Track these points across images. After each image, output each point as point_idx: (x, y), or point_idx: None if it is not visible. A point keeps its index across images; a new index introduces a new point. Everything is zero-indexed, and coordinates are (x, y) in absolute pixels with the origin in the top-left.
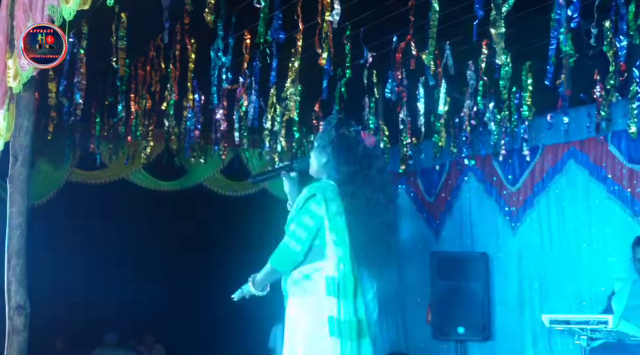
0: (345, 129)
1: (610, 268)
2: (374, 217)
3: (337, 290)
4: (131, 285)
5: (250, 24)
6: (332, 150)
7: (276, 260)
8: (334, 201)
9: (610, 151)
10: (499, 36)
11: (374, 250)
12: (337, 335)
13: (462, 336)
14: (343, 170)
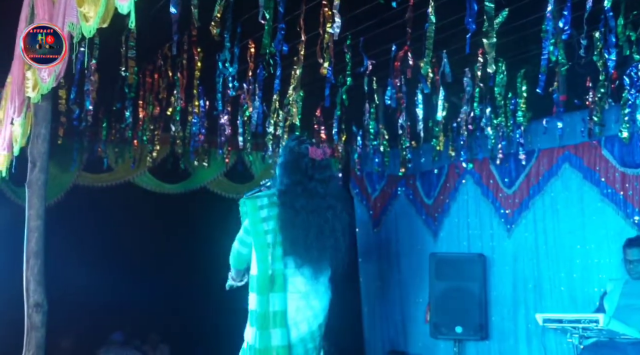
0: (296, 146)
1: (603, 269)
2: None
3: (258, 287)
4: (136, 285)
5: (254, 34)
6: (281, 164)
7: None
8: (265, 208)
9: (603, 155)
10: (490, 46)
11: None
12: (250, 324)
13: (460, 335)
14: (284, 182)
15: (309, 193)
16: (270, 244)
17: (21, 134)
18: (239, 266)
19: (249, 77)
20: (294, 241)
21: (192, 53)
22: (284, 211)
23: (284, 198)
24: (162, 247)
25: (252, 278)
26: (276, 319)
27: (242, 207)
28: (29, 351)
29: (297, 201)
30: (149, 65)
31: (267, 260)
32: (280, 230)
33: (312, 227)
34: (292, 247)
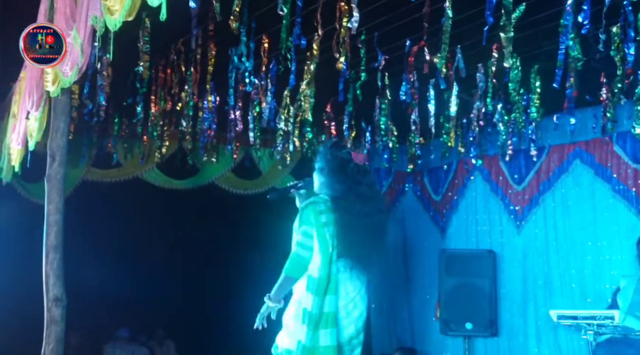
0: (337, 151)
1: (615, 265)
2: (363, 227)
3: (315, 289)
4: (142, 281)
5: (268, 29)
6: (327, 170)
7: (289, 269)
8: (324, 214)
9: (615, 151)
10: (508, 40)
11: (363, 256)
12: (305, 324)
13: (469, 332)
14: (336, 188)
15: (361, 197)
16: (331, 247)
17: (37, 129)
18: (299, 275)
19: (262, 72)
20: (351, 245)
21: (206, 48)
22: (341, 216)
23: (339, 203)
24: (169, 243)
25: (312, 280)
26: (328, 320)
27: (304, 213)
28: (49, 345)
29: (353, 206)
30: (162, 60)
31: (328, 264)
32: (338, 234)
33: (367, 231)
34: (347, 251)
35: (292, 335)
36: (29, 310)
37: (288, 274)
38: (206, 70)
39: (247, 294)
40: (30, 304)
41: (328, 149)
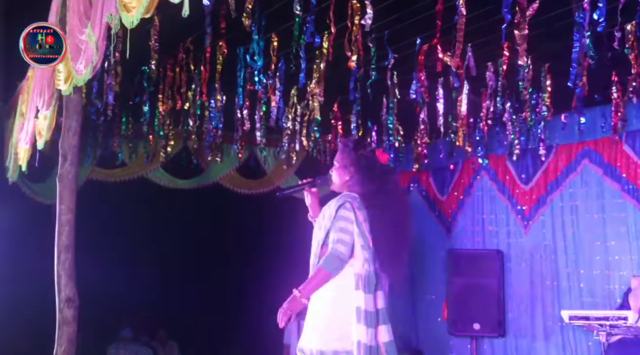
0: (363, 150)
1: (624, 266)
2: (394, 226)
3: (365, 286)
4: (146, 281)
5: (277, 27)
6: (355, 169)
7: (331, 266)
8: (360, 210)
9: (625, 151)
10: (522, 38)
11: (390, 254)
12: (363, 323)
13: (477, 332)
14: (367, 186)
15: (391, 196)
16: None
17: (47, 128)
18: (338, 272)
19: (271, 71)
20: (385, 242)
21: (215, 46)
22: (375, 214)
23: (371, 201)
24: (174, 243)
25: (360, 277)
26: (379, 316)
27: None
28: (61, 346)
29: (385, 204)
30: (170, 59)
31: (373, 260)
32: (373, 231)
33: (399, 228)
34: (382, 248)
35: (342, 337)
36: (38, 311)
37: (329, 270)
38: (215, 69)
39: (251, 295)
40: (39, 304)
41: (353, 147)
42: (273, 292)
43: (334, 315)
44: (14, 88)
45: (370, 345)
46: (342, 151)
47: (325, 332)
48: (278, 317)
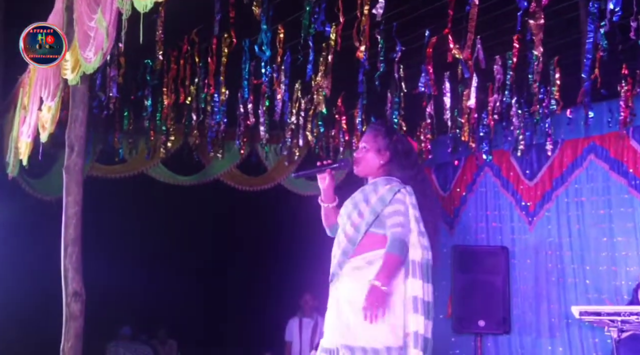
0: (397, 135)
1: (631, 262)
2: (433, 213)
3: (423, 274)
4: (145, 279)
5: (284, 18)
6: (392, 154)
7: (401, 250)
8: (412, 195)
9: (632, 145)
10: (538, 27)
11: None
12: (421, 313)
13: (482, 329)
14: (408, 172)
15: (426, 182)
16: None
17: (51, 120)
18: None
19: (277, 63)
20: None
21: (221, 37)
22: (419, 199)
23: (415, 186)
24: (174, 240)
25: (416, 264)
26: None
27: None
28: (68, 341)
29: (426, 189)
30: (174, 51)
31: (428, 248)
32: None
33: (436, 216)
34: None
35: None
36: (40, 308)
37: (399, 254)
38: (220, 62)
39: (252, 292)
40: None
41: (385, 131)
42: (274, 289)
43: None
44: (14, 82)
45: (427, 338)
46: (375, 135)
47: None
48: (365, 314)
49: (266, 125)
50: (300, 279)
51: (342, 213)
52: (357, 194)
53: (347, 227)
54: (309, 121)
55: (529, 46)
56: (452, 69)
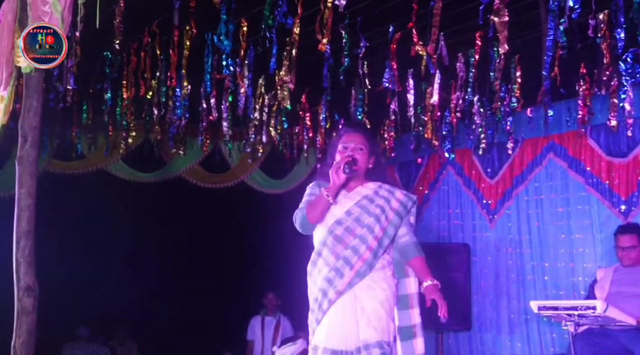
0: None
1: (589, 258)
2: None
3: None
4: (105, 278)
5: (247, 12)
6: (383, 159)
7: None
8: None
9: (589, 144)
10: (503, 25)
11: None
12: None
13: (444, 326)
14: (387, 179)
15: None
16: None
17: (3, 110)
18: None
19: (240, 57)
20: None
21: (183, 29)
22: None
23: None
24: (134, 238)
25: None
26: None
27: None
28: (19, 337)
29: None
30: (134, 43)
31: None
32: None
33: None
34: None
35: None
36: None
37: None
38: (182, 55)
39: (214, 292)
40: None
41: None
42: (236, 288)
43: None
44: None
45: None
46: (368, 137)
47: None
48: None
49: (229, 121)
50: (263, 277)
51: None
52: (363, 200)
53: (370, 240)
54: (272, 117)
55: (491, 43)
56: (416, 65)
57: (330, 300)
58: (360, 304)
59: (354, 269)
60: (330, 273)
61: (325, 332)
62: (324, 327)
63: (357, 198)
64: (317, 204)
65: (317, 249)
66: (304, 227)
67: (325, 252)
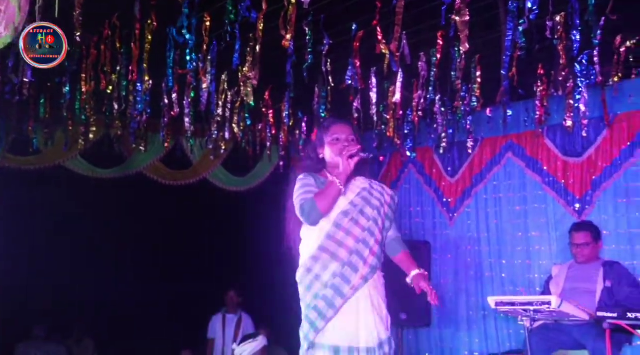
0: None
1: (544, 256)
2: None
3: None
4: (61, 276)
5: (210, 6)
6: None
7: None
8: None
9: (546, 144)
10: (464, 24)
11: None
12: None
13: (404, 322)
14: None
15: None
16: None
17: None
18: None
19: (203, 52)
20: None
21: (144, 23)
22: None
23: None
24: (90, 235)
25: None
26: None
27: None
28: None
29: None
30: (94, 36)
31: None
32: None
33: None
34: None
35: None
36: None
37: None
38: (143, 49)
39: (173, 289)
40: None
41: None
42: (197, 286)
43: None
44: None
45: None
46: (357, 130)
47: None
48: (432, 297)
49: (191, 118)
50: (225, 275)
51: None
52: (363, 192)
53: (377, 233)
54: (235, 114)
55: (452, 43)
56: (379, 64)
57: (346, 297)
58: (370, 300)
59: (368, 264)
60: (344, 269)
61: (340, 330)
62: (338, 325)
63: (357, 190)
64: (328, 192)
65: (320, 244)
66: (315, 218)
67: (332, 247)
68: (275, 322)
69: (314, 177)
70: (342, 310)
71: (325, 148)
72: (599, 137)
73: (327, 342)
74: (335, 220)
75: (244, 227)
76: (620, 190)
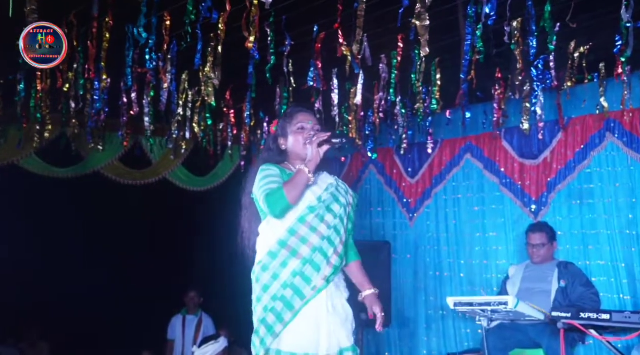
0: None
1: (502, 256)
2: None
3: None
4: (14, 277)
5: (171, 5)
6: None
7: None
8: None
9: (503, 146)
10: (424, 29)
11: None
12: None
13: (364, 322)
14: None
15: None
16: None
17: None
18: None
19: (163, 51)
20: None
21: (102, 21)
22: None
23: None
24: (47, 236)
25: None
26: None
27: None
28: None
29: None
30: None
31: None
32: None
33: None
34: None
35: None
36: None
37: None
38: (101, 47)
39: (130, 291)
40: None
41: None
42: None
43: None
44: None
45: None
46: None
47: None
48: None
49: (151, 117)
50: (185, 275)
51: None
52: (330, 187)
53: (342, 233)
54: (196, 113)
55: (412, 46)
56: (341, 65)
57: (305, 299)
58: (332, 302)
59: (331, 264)
60: (305, 267)
61: (299, 335)
62: (296, 330)
63: (324, 185)
64: (296, 181)
65: (280, 238)
66: (282, 208)
67: (293, 242)
68: (235, 323)
69: (278, 168)
70: (302, 314)
71: (289, 138)
72: (554, 140)
73: (284, 348)
74: (299, 214)
75: (205, 227)
76: (574, 192)
